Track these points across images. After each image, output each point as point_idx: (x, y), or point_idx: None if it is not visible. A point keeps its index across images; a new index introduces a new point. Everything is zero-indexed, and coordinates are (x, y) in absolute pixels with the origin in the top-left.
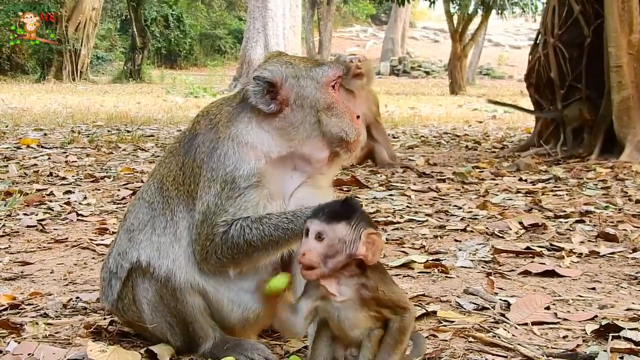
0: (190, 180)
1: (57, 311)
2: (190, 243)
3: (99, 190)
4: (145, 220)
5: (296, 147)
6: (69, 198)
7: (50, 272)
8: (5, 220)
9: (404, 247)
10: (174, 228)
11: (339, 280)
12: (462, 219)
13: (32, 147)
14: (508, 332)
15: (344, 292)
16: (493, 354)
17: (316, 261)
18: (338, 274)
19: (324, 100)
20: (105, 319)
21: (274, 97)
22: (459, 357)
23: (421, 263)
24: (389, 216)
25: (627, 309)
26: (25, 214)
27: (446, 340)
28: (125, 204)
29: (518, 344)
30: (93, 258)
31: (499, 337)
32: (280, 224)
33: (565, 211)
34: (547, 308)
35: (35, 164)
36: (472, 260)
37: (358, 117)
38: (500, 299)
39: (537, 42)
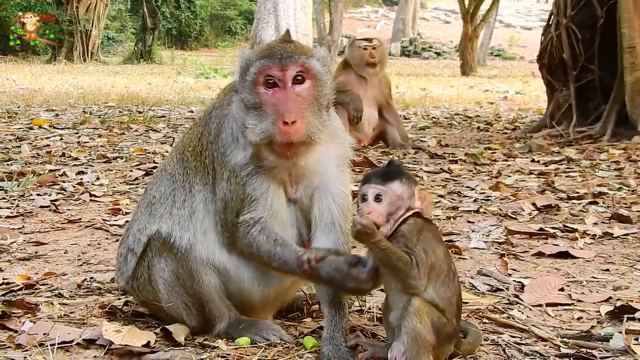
0: (206, 153)
1: (71, 291)
2: (206, 217)
3: (112, 170)
4: (167, 193)
5: None
6: (81, 179)
7: (64, 252)
8: (19, 201)
9: None
10: (192, 201)
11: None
12: (474, 200)
13: (44, 128)
14: (522, 313)
15: None
16: (508, 335)
17: (381, 220)
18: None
19: (247, 98)
20: (119, 299)
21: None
22: None
23: None
24: None
25: None
26: (38, 195)
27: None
28: (138, 184)
29: (532, 325)
30: (106, 238)
31: (513, 318)
32: (284, 258)
33: (578, 192)
34: (561, 289)
35: (48, 145)
36: (485, 242)
37: (292, 122)
38: (514, 280)
39: (550, 23)
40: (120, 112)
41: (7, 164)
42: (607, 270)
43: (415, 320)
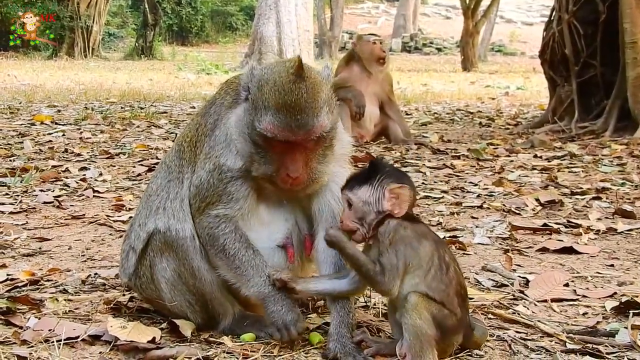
0: (199, 144)
1: (76, 287)
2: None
3: (114, 166)
4: (162, 185)
5: None
6: (84, 174)
7: (68, 248)
8: (22, 197)
9: None
10: (182, 190)
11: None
12: (478, 196)
13: (46, 124)
14: (527, 308)
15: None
16: (513, 331)
17: (352, 225)
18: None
19: (253, 136)
20: (124, 295)
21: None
22: None
23: None
24: None
25: None
26: (41, 190)
27: None
28: (141, 180)
29: (538, 321)
30: (110, 234)
31: (518, 314)
32: (251, 262)
33: (581, 188)
34: (566, 285)
35: (50, 141)
36: (489, 237)
37: (295, 178)
38: (519, 276)
39: (552, 18)
40: (122, 108)
41: (10, 160)
42: (612, 265)
43: (414, 316)
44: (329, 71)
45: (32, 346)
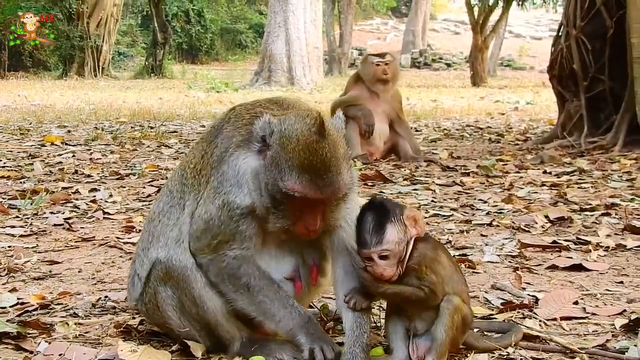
0: (204, 173)
1: (86, 311)
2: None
3: (125, 187)
4: (164, 210)
5: None
6: (94, 196)
7: (79, 271)
8: (32, 219)
9: None
10: (183, 218)
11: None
12: (487, 213)
13: (56, 145)
14: (540, 325)
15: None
16: (524, 349)
17: (393, 271)
18: None
19: (271, 191)
20: (134, 318)
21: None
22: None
23: None
24: None
25: None
26: (51, 213)
27: None
28: (151, 201)
29: (548, 340)
30: (121, 256)
31: (530, 329)
32: (277, 295)
33: (590, 204)
34: (576, 303)
35: (60, 162)
36: (498, 255)
37: (312, 230)
38: (528, 294)
39: (560, 34)
40: (132, 127)
41: (20, 182)
42: (621, 282)
43: (450, 319)
44: (342, 122)
45: None
